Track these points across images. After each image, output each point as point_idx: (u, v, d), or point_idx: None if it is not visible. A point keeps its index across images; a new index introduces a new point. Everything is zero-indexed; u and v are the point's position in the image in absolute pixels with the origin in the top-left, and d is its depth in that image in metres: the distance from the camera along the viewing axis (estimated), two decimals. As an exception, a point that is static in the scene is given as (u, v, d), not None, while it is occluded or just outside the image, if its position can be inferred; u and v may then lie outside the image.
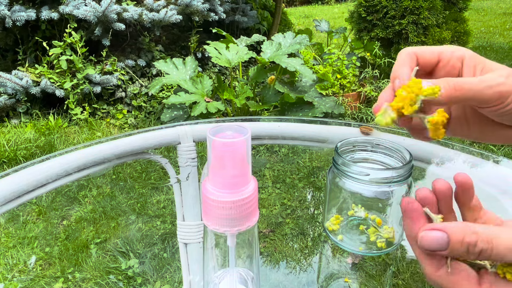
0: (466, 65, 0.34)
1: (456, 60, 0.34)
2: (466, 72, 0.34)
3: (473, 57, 0.34)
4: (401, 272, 1.24)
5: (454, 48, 0.34)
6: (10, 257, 1.50)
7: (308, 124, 0.66)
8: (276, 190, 1.88)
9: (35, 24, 2.88)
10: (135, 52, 3.21)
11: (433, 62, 0.35)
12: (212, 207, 0.32)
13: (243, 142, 0.30)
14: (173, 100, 2.31)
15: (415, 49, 0.34)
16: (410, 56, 0.34)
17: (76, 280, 1.38)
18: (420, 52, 0.34)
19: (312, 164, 2.13)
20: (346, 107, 2.83)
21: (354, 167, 0.41)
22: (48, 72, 2.75)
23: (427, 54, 0.34)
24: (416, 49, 0.34)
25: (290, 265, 1.18)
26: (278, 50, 2.63)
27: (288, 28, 4.44)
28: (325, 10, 8.72)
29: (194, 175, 0.62)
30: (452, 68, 0.34)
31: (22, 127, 2.64)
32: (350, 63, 3.11)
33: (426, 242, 0.28)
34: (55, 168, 0.54)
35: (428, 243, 0.28)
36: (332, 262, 0.74)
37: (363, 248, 0.45)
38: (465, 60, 0.34)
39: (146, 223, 1.67)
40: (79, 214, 1.75)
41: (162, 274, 1.36)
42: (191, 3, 3.11)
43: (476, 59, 0.34)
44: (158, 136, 0.62)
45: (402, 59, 0.34)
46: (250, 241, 0.36)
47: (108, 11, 2.76)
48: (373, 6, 3.53)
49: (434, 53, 0.34)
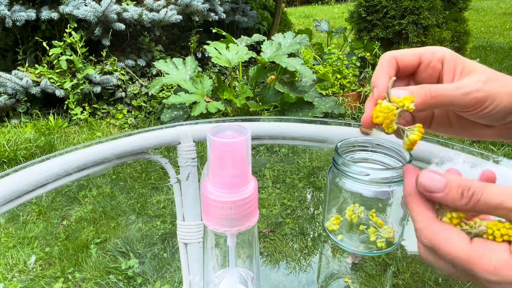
0: (446, 67, 0.34)
1: (437, 62, 0.35)
2: (446, 74, 0.34)
3: (453, 58, 0.34)
4: (401, 272, 1.24)
5: (435, 49, 0.35)
6: (10, 257, 1.50)
7: (308, 124, 0.66)
8: (276, 190, 1.88)
9: (35, 24, 2.88)
10: (135, 52, 3.21)
11: (414, 65, 0.35)
12: (212, 207, 0.32)
13: (243, 142, 0.31)
14: (173, 100, 2.31)
15: (395, 53, 0.35)
16: (389, 61, 0.34)
17: (76, 280, 1.38)
18: (400, 56, 0.35)
19: (312, 164, 2.13)
20: (346, 107, 2.83)
21: (354, 167, 0.41)
22: (48, 72, 2.75)
23: (406, 57, 0.35)
24: (395, 54, 0.35)
25: (290, 265, 1.18)
26: (278, 50, 2.63)
27: (288, 28, 4.44)
28: (325, 10, 8.72)
29: (194, 175, 0.62)
30: (433, 70, 0.35)
31: (22, 127, 2.64)
32: (350, 63, 3.11)
33: (424, 180, 0.29)
34: (55, 168, 0.54)
35: (427, 182, 0.29)
36: (332, 262, 0.74)
37: (363, 248, 0.45)
38: (445, 62, 0.34)
39: (146, 223, 1.67)
40: (79, 214, 1.75)
41: (162, 274, 1.36)
42: (191, 3, 3.11)
43: (456, 60, 0.34)
44: (158, 136, 0.62)
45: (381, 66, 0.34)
46: (250, 241, 0.36)
47: (108, 11, 2.76)
48: (373, 6, 3.53)
49: (415, 55, 0.35)
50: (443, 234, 0.28)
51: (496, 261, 0.26)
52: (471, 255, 0.27)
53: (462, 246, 0.27)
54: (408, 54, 0.35)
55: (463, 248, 0.27)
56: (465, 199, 0.28)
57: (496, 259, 0.26)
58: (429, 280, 1.22)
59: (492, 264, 0.26)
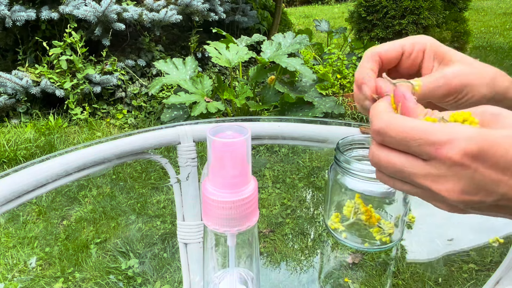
0: (426, 57, 0.35)
1: (418, 52, 0.35)
2: (425, 63, 0.35)
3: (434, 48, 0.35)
4: (401, 272, 1.24)
5: (416, 39, 0.36)
6: (10, 257, 1.50)
7: (308, 124, 0.66)
8: (276, 190, 1.88)
9: (35, 24, 2.87)
10: (135, 52, 3.21)
11: (397, 57, 0.36)
12: (212, 207, 0.32)
13: (243, 142, 0.30)
14: (173, 100, 2.31)
15: (378, 49, 0.35)
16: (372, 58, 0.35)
17: (76, 280, 1.38)
18: (383, 52, 0.35)
19: (312, 164, 2.13)
20: (346, 107, 2.82)
21: (356, 165, 0.41)
22: (48, 72, 2.75)
23: (389, 52, 0.35)
24: (379, 49, 0.35)
25: (290, 265, 1.19)
26: (278, 50, 2.63)
27: (288, 28, 4.44)
28: (325, 10, 8.72)
29: (194, 175, 0.62)
30: (414, 60, 0.36)
31: (22, 127, 2.64)
32: (350, 63, 3.11)
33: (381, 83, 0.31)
34: (55, 168, 0.54)
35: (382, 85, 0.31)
36: (332, 262, 0.74)
37: (368, 244, 0.45)
38: (426, 52, 0.35)
39: (146, 223, 1.67)
40: (79, 214, 1.75)
41: (162, 274, 1.36)
42: (191, 3, 3.11)
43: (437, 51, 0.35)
44: (158, 136, 0.62)
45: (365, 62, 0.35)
46: (250, 241, 0.36)
47: (108, 11, 2.76)
48: (373, 6, 3.53)
49: (397, 50, 0.35)
50: (397, 116, 0.28)
51: (449, 126, 0.25)
52: (425, 125, 0.26)
53: (415, 121, 0.26)
54: (391, 50, 0.35)
55: (416, 122, 0.26)
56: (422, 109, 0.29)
57: (450, 125, 0.25)
58: (429, 280, 1.22)
59: (446, 127, 0.25)
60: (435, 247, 1.03)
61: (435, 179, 0.26)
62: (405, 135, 0.26)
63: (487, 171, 0.24)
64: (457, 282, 1.19)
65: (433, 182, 0.26)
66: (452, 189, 0.25)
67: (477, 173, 0.24)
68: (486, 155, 0.24)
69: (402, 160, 0.27)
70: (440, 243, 1.01)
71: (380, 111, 0.28)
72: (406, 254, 1.14)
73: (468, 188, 0.25)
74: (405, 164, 0.27)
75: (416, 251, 1.14)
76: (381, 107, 0.29)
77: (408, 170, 0.27)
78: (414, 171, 0.26)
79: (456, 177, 0.25)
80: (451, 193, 0.25)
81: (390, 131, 0.27)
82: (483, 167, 0.24)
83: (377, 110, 0.29)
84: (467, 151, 0.24)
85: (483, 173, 0.24)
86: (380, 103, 0.29)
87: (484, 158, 0.24)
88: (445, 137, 0.25)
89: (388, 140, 0.27)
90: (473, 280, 1.21)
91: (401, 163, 0.27)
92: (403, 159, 0.27)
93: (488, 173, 0.24)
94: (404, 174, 0.27)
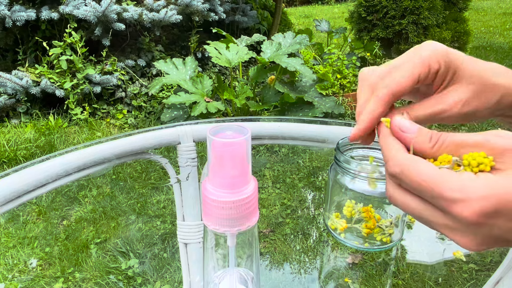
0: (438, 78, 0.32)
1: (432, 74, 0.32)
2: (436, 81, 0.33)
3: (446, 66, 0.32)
4: (401, 272, 1.24)
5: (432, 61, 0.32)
6: (10, 257, 1.50)
7: (308, 124, 0.66)
8: (276, 190, 1.88)
9: (35, 24, 2.87)
10: (135, 52, 3.21)
11: (412, 88, 0.33)
12: (212, 207, 0.32)
13: (243, 142, 0.30)
14: (173, 100, 2.31)
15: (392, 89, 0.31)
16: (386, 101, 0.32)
17: (76, 280, 1.38)
18: (398, 91, 0.32)
19: (312, 164, 2.13)
20: (346, 107, 2.83)
21: (356, 165, 0.41)
22: (48, 72, 2.75)
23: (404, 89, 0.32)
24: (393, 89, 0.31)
25: (290, 265, 1.19)
26: (278, 50, 2.63)
27: (288, 28, 4.44)
28: (325, 10, 8.72)
29: (194, 175, 0.62)
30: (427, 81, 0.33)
31: (22, 127, 2.64)
32: (350, 63, 3.11)
33: (399, 121, 0.30)
34: (55, 168, 0.54)
35: (401, 122, 0.30)
36: (333, 262, 0.74)
37: (368, 244, 0.45)
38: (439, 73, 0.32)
39: (146, 223, 1.67)
40: (79, 214, 1.75)
41: (162, 274, 1.36)
42: (191, 3, 3.11)
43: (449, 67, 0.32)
44: (158, 136, 0.62)
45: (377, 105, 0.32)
46: (250, 241, 0.36)
47: (108, 11, 2.76)
48: (373, 6, 3.53)
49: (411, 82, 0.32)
50: (412, 160, 0.28)
51: (462, 180, 0.25)
52: (438, 175, 0.26)
53: (429, 169, 0.27)
54: (406, 85, 0.31)
55: (430, 171, 0.26)
56: (433, 141, 0.28)
57: (463, 178, 0.25)
58: (429, 280, 1.22)
59: (459, 182, 0.25)
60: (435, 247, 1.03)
61: (453, 231, 0.27)
62: (419, 185, 0.27)
63: (505, 224, 0.25)
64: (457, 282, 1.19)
65: (451, 233, 0.27)
66: (470, 243, 0.26)
67: (495, 228, 0.25)
68: (502, 212, 0.24)
69: (420, 207, 0.28)
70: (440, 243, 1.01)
71: (394, 155, 0.29)
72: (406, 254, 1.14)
73: (487, 240, 0.26)
74: (422, 211, 0.28)
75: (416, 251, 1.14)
76: (395, 147, 0.29)
77: (426, 217, 0.28)
78: (431, 220, 0.27)
79: (473, 234, 0.26)
80: (469, 245, 0.27)
81: (405, 178, 0.27)
82: (500, 222, 0.25)
83: (390, 152, 0.29)
84: (483, 211, 0.24)
85: (500, 227, 0.25)
86: (392, 141, 0.30)
87: (500, 214, 0.25)
88: (458, 195, 0.25)
89: (404, 184, 0.28)
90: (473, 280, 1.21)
91: (419, 210, 0.28)
92: (421, 206, 0.28)
93: (505, 226, 0.25)
94: (422, 220, 0.28)
